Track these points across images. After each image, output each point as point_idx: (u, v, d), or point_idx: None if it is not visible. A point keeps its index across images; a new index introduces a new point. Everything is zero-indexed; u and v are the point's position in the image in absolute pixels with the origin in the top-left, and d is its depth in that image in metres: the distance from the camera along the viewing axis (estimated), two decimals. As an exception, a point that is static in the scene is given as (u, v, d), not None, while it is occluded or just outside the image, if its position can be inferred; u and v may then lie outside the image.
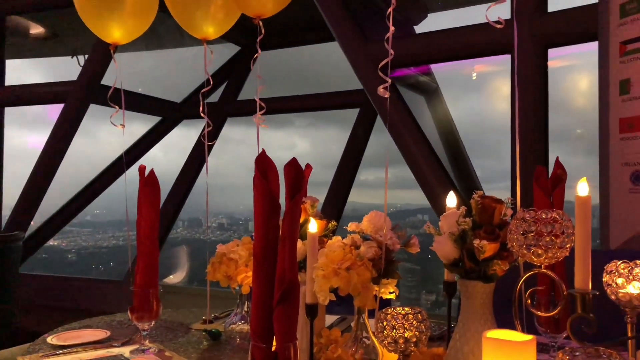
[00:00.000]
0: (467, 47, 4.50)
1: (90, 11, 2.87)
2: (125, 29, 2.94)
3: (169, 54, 8.05)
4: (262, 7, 2.54)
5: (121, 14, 2.85)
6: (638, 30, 2.64)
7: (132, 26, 2.95)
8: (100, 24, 2.90)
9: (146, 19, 2.98)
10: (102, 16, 2.86)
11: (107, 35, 2.95)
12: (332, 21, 4.87)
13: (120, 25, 2.91)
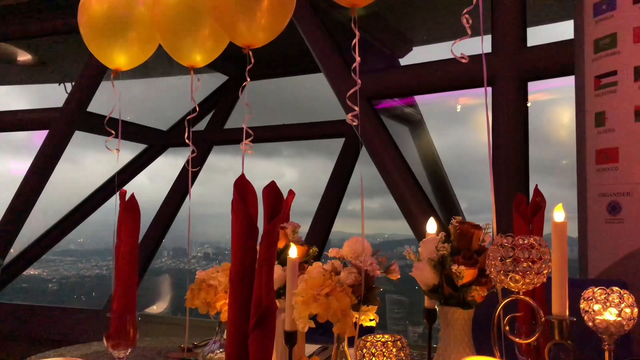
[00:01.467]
0: (450, 80, 4.60)
1: (95, 36, 2.90)
2: (129, 55, 2.97)
3: (157, 82, 8.11)
4: (253, 37, 2.57)
5: (125, 39, 2.89)
6: (611, 65, 2.73)
7: (136, 53, 2.98)
8: (105, 49, 2.92)
9: (151, 45, 3.02)
10: (107, 41, 2.89)
11: (110, 61, 2.97)
12: (317, 52, 4.96)
13: (124, 51, 2.93)
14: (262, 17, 2.51)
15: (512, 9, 4.10)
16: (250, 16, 2.49)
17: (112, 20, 2.83)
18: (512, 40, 4.04)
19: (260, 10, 2.48)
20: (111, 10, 2.83)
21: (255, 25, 2.54)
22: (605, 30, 2.78)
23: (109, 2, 2.85)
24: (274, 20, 2.59)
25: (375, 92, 4.83)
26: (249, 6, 2.47)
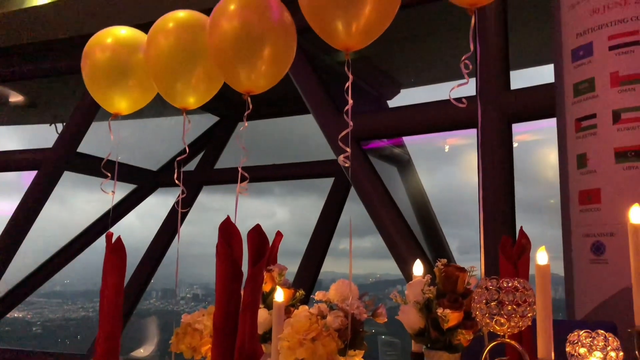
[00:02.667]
0: (437, 122, 4.69)
1: (97, 82, 2.95)
2: (130, 100, 3.02)
3: (149, 122, 8.18)
4: (253, 84, 2.61)
5: (126, 85, 2.94)
6: (590, 108, 2.81)
7: (137, 98, 3.04)
8: (106, 94, 2.97)
9: (151, 90, 3.07)
10: (109, 87, 2.95)
11: (111, 106, 3.02)
12: (307, 95, 5.05)
13: (125, 96, 2.99)
14: (263, 65, 2.58)
15: (496, 53, 4.23)
16: (251, 64, 2.56)
17: (115, 67, 2.90)
18: (496, 84, 4.15)
19: (261, 58, 2.55)
20: (114, 58, 2.90)
21: (255, 73, 2.61)
22: (583, 75, 2.87)
23: (112, 50, 2.92)
24: (274, 68, 2.66)
25: (363, 134, 4.91)
26: (249, 54, 2.54)
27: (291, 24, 2.56)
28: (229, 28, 2.46)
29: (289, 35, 2.56)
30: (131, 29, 2.98)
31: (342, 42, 2.18)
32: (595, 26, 2.89)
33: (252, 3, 2.52)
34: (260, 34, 2.50)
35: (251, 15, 2.48)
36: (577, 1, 3.01)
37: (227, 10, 2.51)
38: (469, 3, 2.04)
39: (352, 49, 2.23)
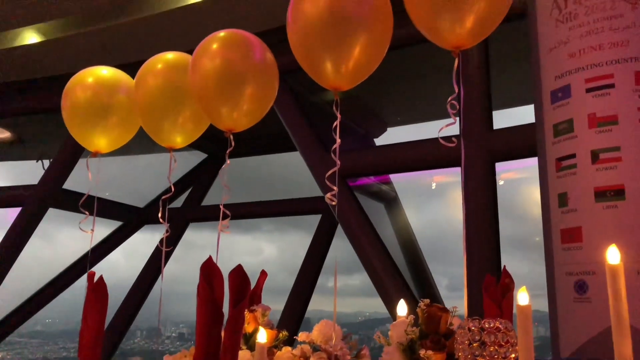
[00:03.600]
0: (422, 160, 4.75)
1: (77, 120, 2.97)
2: (110, 138, 3.03)
3: (136, 159, 8.17)
4: (235, 122, 2.65)
5: (106, 124, 2.96)
6: (570, 148, 2.87)
7: (116, 136, 3.05)
8: (86, 133, 2.99)
9: (131, 129, 3.09)
10: (88, 126, 2.96)
11: (90, 144, 3.02)
12: (295, 133, 5.11)
13: (105, 135, 3.00)
14: (245, 104, 2.62)
15: (479, 94, 4.34)
16: (233, 102, 2.59)
17: (95, 106, 2.93)
18: (479, 124, 4.24)
19: (243, 97, 2.58)
20: (94, 97, 2.93)
21: (237, 111, 2.64)
22: (562, 116, 2.94)
23: (93, 89, 2.95)
24: (256, 106, 2.69)
25: (350, 171, 4.95)
26: (231, 92, 2.58)
27: (273, 63, 2.60)
28: (211, 66, 2.50)
29: (271, 74, 2.60)
30: (112, 69, 3.02)
31: (332, 82, 2.24)
32: (573, 69, 2.98)
33: (235, 42, 2.57)
34: (242, 73, 2.55)
35: (233, 54, 2.53)
36: (554, 45, 3.12)
37: (209, 49, 2.55)
38: (454, 46, 2.11)
39: (341, 89, 2.28)
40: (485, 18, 2.08)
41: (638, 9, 2.92)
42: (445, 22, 2.04)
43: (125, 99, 2.99)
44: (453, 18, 2.03)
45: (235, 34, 2.61)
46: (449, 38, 2.08)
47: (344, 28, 2.07)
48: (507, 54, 5.39)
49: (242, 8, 4.81)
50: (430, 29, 2.13)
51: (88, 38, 5.57)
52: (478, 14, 2.03)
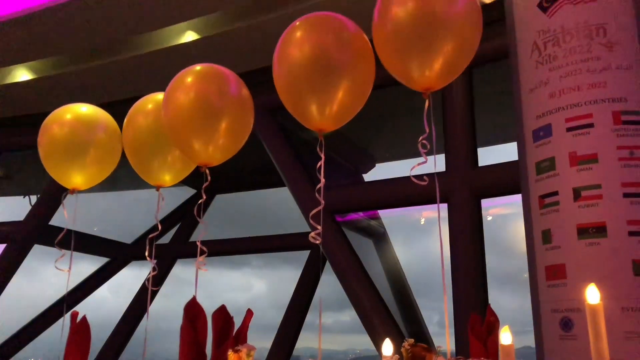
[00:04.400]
0: (410, 196, 4.78)
1: (54, 157, 2.95)
2: (87, 176, 3.02)
3: (125, 195, 8.15)
4: (209, 158, 2.66)
5: (84, 161, 2.95)
6: (552, 186, 2.92)
7: (93, 173, 3.04)
8: (62, 170, 2.98)
9: (108, 167, 3.09)
10: (66, 163, 2.95)
11: (67, 181, 3.01)
12: (284, 170, 5.15)
13: (82, 172, 2.99)
14: (220, 138, 2.62)
15: (463, 132, 4.42)
16: (207, 137, 2.59)
17: (72, 143, 2.91)
18: (463, 161, 4.31)
19: (218, 131, 2.58)
20: (72, 134, 2.92)
21: (212, 146, 2.64)
22: (544, 154, 3.01)
23: (70, 126, 2.93)
24: (230, 141, 2.70)
25: (339, 207, 4.98)
26: (206, 127, 2.58)
27: (248, 98, 2.61)
28: (185, 100, 2.49)
29: (246, 108, 2.61)
30: (92, 106, 3.02)
31: (317, 124, 2.28)
32: (553, 109, 3.07)
33: (210, 76, 2.57)
34: (217, 107, 2.53)
35: (209, 88, 2.53)
36: (535, 85, 3.21)
37: (184, 82, 2.53)
38: (423, 88, 2.19)
39: (325, 130, 2.33)
40: (453, 61, 2.16)
41: (614, 52, 3.04)
42: (414, 65, 2.12)
43: (104, 137, 2.99)
44: (422, 62, 2.10)
45: (210, 68, 2.62)
46: (419, 81, 2.16)
47: (328, 72, 2.14)
48: (493, 92, 5.53)
49: (230, 47, 4.91)
50: (400, 72, 2.20)
51: (76, 76, 5.63)
52: (446, 58, 2.10)
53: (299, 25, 2.25)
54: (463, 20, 2.16)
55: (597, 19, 3.07)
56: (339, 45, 2.18)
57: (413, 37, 2.10)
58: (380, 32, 2.21)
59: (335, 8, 2.47)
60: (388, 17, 2.16)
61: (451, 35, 2.13)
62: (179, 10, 4.60)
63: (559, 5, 3.17)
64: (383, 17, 2.18)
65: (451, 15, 2.12)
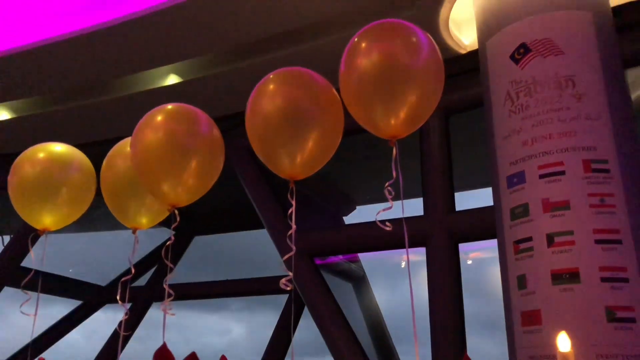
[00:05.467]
0: (389, 240, 4.77)
1: (24, 197, 2.89)
2: (58, 216, 2.96)
3: (103, 235, 8.01)
4: (177, 198, 2.64)
5: (55, 202, 2.90)
6: (526, 232, 2.98)
7: (64, 215, 2.98)
8: (33, 210, 2.91)
9: (81, 207, 3.04)
10: (36, 203, 2.89)
11: (37, 222, 2.94)
12: (263, 212, 5.14)
13: (53, 213, 2.93)
14: (190, 178, 2.60)
15: (441, 176, 4.49)
16: (176, 177, 2.57)
17: (44, 183, 2.85)
18: (441, 205, 4.36)
19: (187, 172, 2.56)
20: (44, 173, 2.86)
21: (181, 186, 2.61)
22: (518, 200, 3.08)
23: (42, 165, 2.87)
24: (200, 181, 2.68)
25: (317, 250, 4.95)
26: (175, 167, 2.56)
27: (219, 138, 2.62)
28: (154, 139, 2.47)
29: (216, 149, 2.62)
30: (66, 145, 2.99)
31: (287, 171, 2.32)
32: (526, 156, 3.15)
33: (181, 115, 2.57)
34: (187, 147, 2.51)
35: (179, 127, 2.52)
36: (508, 133, 3.31)
37: (153, 121, 2.52)
38: (389, 135, 2.25)
39: (296, 178, 2.36)
40: (417, 110, 2.22)
41: (583, 102, 3.16)
42: (379, 114, 2.18)
43: (77, 176, 2.96)
44: (386, 111, 2.17)
45: (181, 107, 2.62)
46: (385, 129, 2.22)
47: (299, 123, 2.20)
48: (471, 138, 5.65)
49: (213, 90, 4.98)
50: (366, 121, 2.27)
51: (56, 117, 5.63)
52: (410, 107, 2.17)
53: (272, 79, 2.32)
54: (426, 72, 2.24)
55: (566, 71, 3.21)
56: (308, 98, 2.25)
57: (378, 87, 2.18)
58: (346, 81, 2.29)
59: (310, 58, 2.54)
60: (354, 67, 2.23)
61: (414, 85, 2.21)
62: (162, 54, 4.68)
63: (529, 58, 3.31)
64: (349, 67, 2.26)
65: (414, 67, 2.20)
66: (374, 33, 2.28)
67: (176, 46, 4.63)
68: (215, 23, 4.39)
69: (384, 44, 2.22)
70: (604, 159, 3.00)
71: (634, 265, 2.70)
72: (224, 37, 4.58)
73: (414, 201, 4.82)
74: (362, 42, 2.24)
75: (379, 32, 2.28)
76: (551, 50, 3.29)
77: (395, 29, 2.26)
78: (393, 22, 2.31)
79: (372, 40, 2.24)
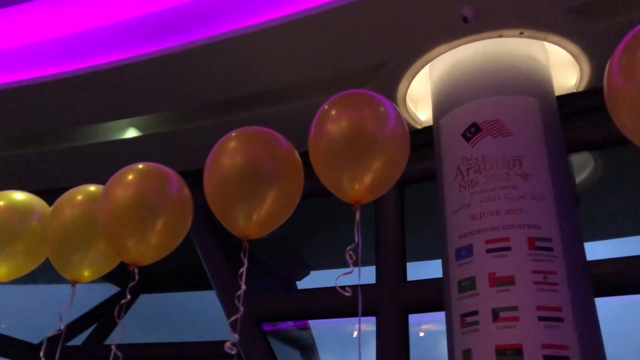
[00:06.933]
0: (341, 307, 4.72)
1: None
2: (12, 267, 2.83)
3: (40, 289, 7.61)
4: (141, 256, 2.58)
5: (11, 252, 2.78)
6: (473, 305, 3.01)
7: (20, 265, 2.85)
8: None
9: (38, 258, 2.92)
10: None
11: None
12: (212, 271, 5.03)
13: (8, 263, 2.80)
14: (154, 237, 2.56)
15: (393, 245, 4.54)
16: (142, 235, 2.54)
17: (1, 232, 2.77)
18: (392, 274, 4.37)
19: (153, 231, 2.54)
20: (2, 222, 2.79)
21: (145, 245, 2.57)
22: (466, 273, 3.13)
23: (2, 213, 2.81)
24: (164, 241, 2.65)
25: (266, 314, 4.83)
26: (141, 225, 2.53)
27: (188, 199, 2.62)
28: (123, 196, 2.47)
29: (185, 210, 2.60)
30: (27, 194, 2.93)
31: (242, 229, 2.31)
32: (474, 230, 3.24)
33: (152, 175, 2.57)
34: (156, 206, 2.51)
35: (149, 186, 2.52)
36: (458, 207, 3.41)
37: (124, 179, 2.53)
38: (353, 200, 2.29)
39: (250, 237, 2.35)
40: (382, 177, 2.30)
41: (529, 182, 3.31)
42: (344, 179, 2.24)
43: (37, 225, 2.87)
44: (352, 176, 2.23)
45: (153, 167, 2.64)
46: (349, 193, 2.26)
47: (257, 182, 2.22)
48: (424, 210, 5.78)
49: (171, 147, 4.97)
50: (332, 184, 2.32)
51: (11, 162, 5.48)
52: (375, 174, 2.24)
53: (234, 137, 2.36)
54: (392, 141, 2.33)
55: (514, 152, 3.38)
56: (269, 158, 2.28)
57: (345, 152, 2.25)
58: (315, 146, 2.35)
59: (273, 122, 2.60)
60: (323, 133, 2.31)
61: (381, 153, 2.29)
62: (123, 107, 4.68)
63: (480, 137, 3.48)
64: (319, 132, 2.34)
65: (381, 136, 2.29)
66: (344, 102, 2.39)
67: (138, 100, 4.65)
68: (181, 81, 4.46)
69: (353, 112, 2.33)
70: (548, 237, 3.11)
71: (574, 343, 2.75)
72: (188, 96, 4.64)
73: (364, 269, 4.82)
74: (333, 109, 2.35)
75: (348, 101, 2.39)
76: (500, 131, 3.47)
77: (365, 99, 2.39)
78: (362, 93, 2.44)
79: (342, 109, 2.36)
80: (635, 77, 1.64)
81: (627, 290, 3.96)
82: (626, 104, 1.69)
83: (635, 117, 1.68)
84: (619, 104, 1.74)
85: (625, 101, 1.69)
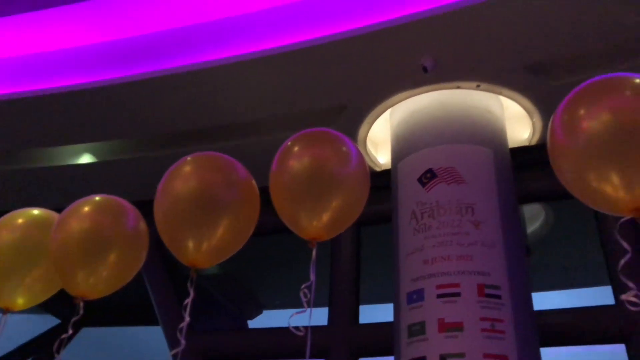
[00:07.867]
0: (293, 348, 4.62)
1: None
2: None
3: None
4: (90, 289, 2.48)
5: None
6: (421, 350, 3.00)
7: None
8: None
9: None
10: None
11: None
12: (159, 305, 4.86)
13: None
14: (105, 271, 2.48)
15: (347, 286, 4.51)
16: (93, 268, 2.45)
17: None
18: (345, 316, 4.33)
19: (104, 264, 2.45)
20: None
21: (95, 277, 2.48)
22: (416, 318, 3.13)
23: None
24: (116, 275, 2.56)
25: (212, 353, 4.67)
26: (94, 257, 2.44)
27: (144, 233, 2.56)
28: (77, 227, 2.42)
29: (139, 243, 2.54)
30: None
31: (190, 257, 2.25)
32: (426, 275, 3.27)
33: (107, 207, 2.53)
34: (109, 239, 2.45)
35: (104, 218, 2.47)
36: (411, 251, 3.44)
37: (80, 210, 2.48)
38: (311, 237, 2.28)
39: (198, 266, 2.29)
40: (340, 215, 2.30)
41: (480, 230, 3.38)
42: (303, 215, 2.24)
43: None
44: (311, 212, 2.23)
45: (109, 200, 2.60)
46: (307, 230, 2.26)
47: (210, 209, 2.18)
48: (379, 252, 5.79)
49: (125, 175, 4.86)
50: (290, 220, 2.31)
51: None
52: (334, 211, 2.24)
53: (189, 161, 2.33)
54: (353, 180, 2.36)
55: (466, 199, 3.46)
56: (225, 185, 2.26)
57: (306, 188, 2.26)
58: (276, 180, 2.36)
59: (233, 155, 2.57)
60: (285, 168, 2.32)
61: (340, 192, 2.31)
62: (79, 132, 4.57)
63: (435, 183, 3.55)
64: (280, 167, 2.35)
65: (342, 175, 2.32)
66: (307, 138, 2.42)
67: (95, 126, 4.56)
68: (142, 109, 4.42)
69: (316, 149, 2.35)
70: (497, 284, 3.16)
71: (520, 393, 2.76)
72: (149, 125, 4.59)
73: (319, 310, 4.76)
74: (296, 145, 2.37)
75: (312, 138, 2.42)
76: (455, 178, 3.56)
77: (328, 138, 2.41)
78: (326, 131, 2.47)
79: (305, 145, 2.38)
80: (575, 132, 1.72)
81: (575, 340, 4.04)
82: (567, 158, 1.77)
83: (575, 171, 1.75)
84: (560, 158, 1.81)
85: (566, 156, 1.77)
